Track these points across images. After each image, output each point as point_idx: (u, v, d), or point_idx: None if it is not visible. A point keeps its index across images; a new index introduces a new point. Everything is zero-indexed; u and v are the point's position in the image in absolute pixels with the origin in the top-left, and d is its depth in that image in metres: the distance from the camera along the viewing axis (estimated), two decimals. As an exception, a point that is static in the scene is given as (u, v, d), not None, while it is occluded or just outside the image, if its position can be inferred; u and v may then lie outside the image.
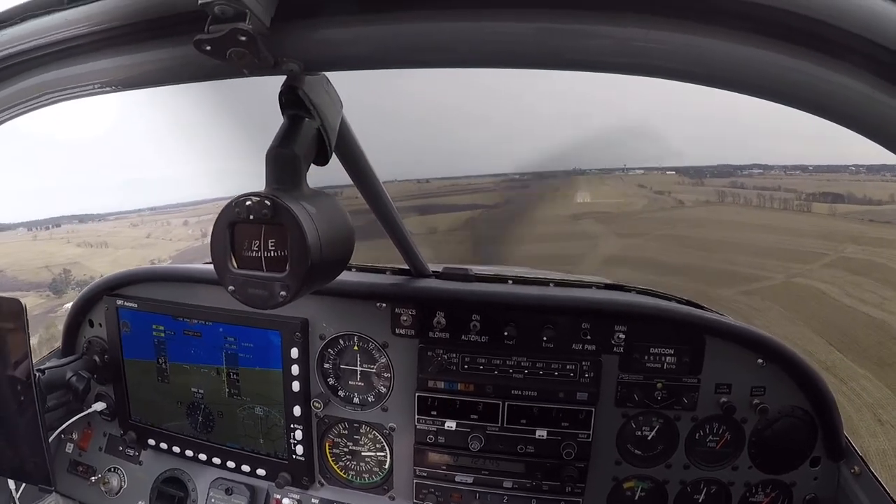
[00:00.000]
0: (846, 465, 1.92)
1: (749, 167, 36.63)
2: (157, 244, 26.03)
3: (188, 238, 27.20)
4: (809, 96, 0.72)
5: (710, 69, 0.73)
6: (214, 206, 23.85)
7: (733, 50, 0.70)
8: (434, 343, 2.01)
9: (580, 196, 31.59)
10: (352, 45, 0.81)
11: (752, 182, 33.69)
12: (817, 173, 31.97)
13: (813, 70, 0.69)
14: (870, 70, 0.68)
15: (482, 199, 27.96)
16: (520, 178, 34.32)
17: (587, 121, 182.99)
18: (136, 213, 28.99)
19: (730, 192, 33.94)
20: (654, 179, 36.66)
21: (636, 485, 2.04)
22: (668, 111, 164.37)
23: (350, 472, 2.22)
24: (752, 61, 0.71)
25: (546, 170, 57.59)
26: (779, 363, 1.87)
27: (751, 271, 17.22)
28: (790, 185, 31.30)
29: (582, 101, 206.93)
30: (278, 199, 0.87)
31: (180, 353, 2.22)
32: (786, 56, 0.69)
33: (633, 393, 1.94)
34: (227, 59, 0.76)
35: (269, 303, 0.91)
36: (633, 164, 35.18)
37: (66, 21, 0.87)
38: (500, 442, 1.99)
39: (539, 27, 0.73)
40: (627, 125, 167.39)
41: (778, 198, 29.51)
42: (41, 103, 1.07)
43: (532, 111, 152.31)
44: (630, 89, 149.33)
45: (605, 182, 35.13)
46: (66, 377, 2.23)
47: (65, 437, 2.49)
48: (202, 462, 2.27)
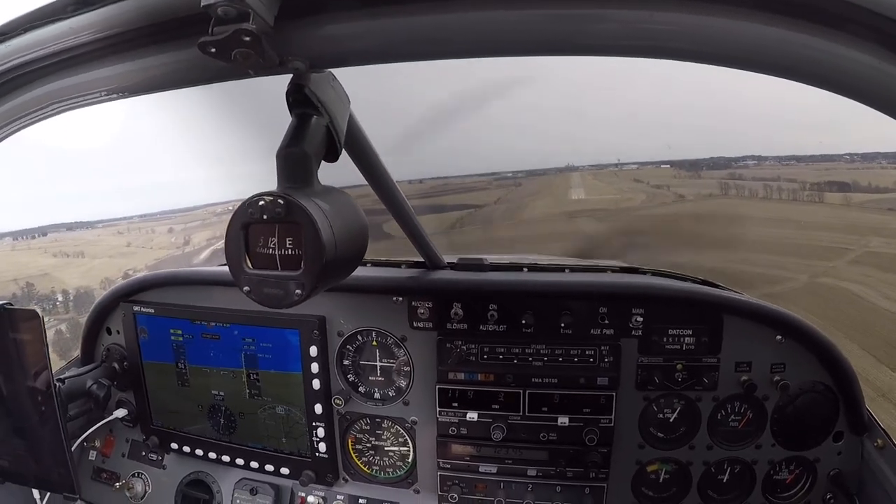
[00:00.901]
0: (869, 438, 1.92)
1: (743, 158, 36.45)
2: (137, 253, 25.84)
3: (169, 246, 27.14)
4: (815, 70, 0.72)
5: (717, 48, 0.73)
6: (204, 213, 23.42)
7: (738, 27, 0.70)
8: (452, 335, 2.01)
9: (574, 193, 30.80)
10: (356, 41, 0.81)
11: (751, 173, 33.05)
12: (813, 163, 31.62)
13: (817, 43, 0.69)
14: (874, 41, 0.68)
15: (473, 198, 27.30)
16: (512, 176, 34.03)
17: (579, 117, 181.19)
18: (125, 220, 28.93)
19: (733, 184, 32.72)
20: (650, 173, 36.07)
21: (660, 467, 2.05)
22: (659, 102, 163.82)
23: (374, 468, 2.23)
24: (756, 37, 0.71)
25: (538, 167, 57.40)
26: (797, 339, 1.87)
27: (771, 272, 15.57)
28: (790, 175, 30.48)
29: (573, 97, 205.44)
30: (291, 197, 0.88)
31: (199, 357, 2.23)
32: (789, 30, 0.69)
33: (654, 375, 1.94)
34: (233, 60, 0.76)
35: (284, 302, 0.92)
36: (627, 158, 34.81)
37: (69, 29, 0.88)
38: (522, 430, 2.00)
39: (545, 14, 0.74)
40: (618, 119, 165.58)
41: (786, 188, 28.38)
42: (48, 113, 1.08)
43: (522, 108, 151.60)
44: (621, 81, 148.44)
45: (600, 178, 34.38)
46: (87, 385, 2.24)
47: (87, 444, 2.50)
48: (226, 463, 2.28)
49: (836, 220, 21.03)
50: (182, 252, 27.53)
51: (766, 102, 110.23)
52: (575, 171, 33.64)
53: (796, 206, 25.84)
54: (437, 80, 67.73)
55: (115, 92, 0.98)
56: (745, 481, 2.02)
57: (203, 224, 32.63)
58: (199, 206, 30.53)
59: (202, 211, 27.38)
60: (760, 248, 18.40)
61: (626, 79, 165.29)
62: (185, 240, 28.40)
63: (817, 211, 23.32)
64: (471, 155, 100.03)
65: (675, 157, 35.57)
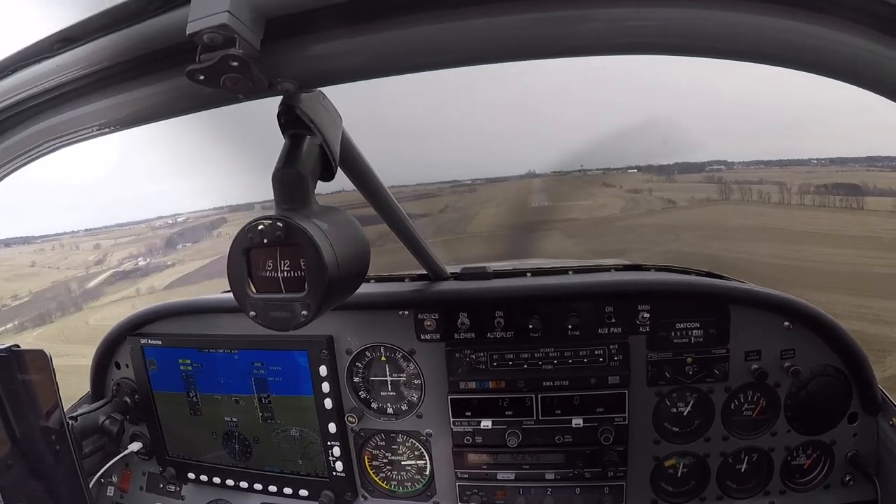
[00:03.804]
0: (884, 417, 1.92)
1: (710, 163, 34.77)
2: (40, 273, 25.47)
3: (81, 265, 27.02)
4: (806, 56, 0.72)
5: (708, 40, 0.73)
6: (144, 227, 23.63)
7: (727, 17, 0.70)
8: (460, 344, 2.02)
9: (537, 199, 28.33)
10: (343, 58, 0.81)
11: (733, 176, 30.53)
12: (781, 167, 29.61)
13: (807, 28, 0.69)
14: (863, 23, 0.68)
15: (418, 206, 25.39)
16: (471, 182, 33.04)
17: (541, 126, 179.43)
18: (70, 234, 28.85)
19: (737, 188, 29.59)
20: (618, 178, 33.83)
21: (677, 462, 2.05)
22: (613, 115, 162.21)
23: (392, 483, 2.23)
24: (745, 26, 0.71)
25: (499, 175, 56.02)
26: (805, 324, 1.87)
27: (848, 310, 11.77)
28: (778, 178, 28.06)
29: (530, 109, 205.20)
30: (290, 219, 0.87)
31: (210, 384, 2.23)
32: (779, 17, 0.69)
33: (664, 370, 1.94)
34: (222, 85, 0.76)
35: (291, 324, 0.91)
36: (590, 165, 33.26)
37: (57, 67, 0.87)
38: (537, 435, 2.00)
39: (530, 17, 0.73)
40: (583, 128, 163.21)
41: (814, 191, 25.41)
42: (42, 152, 1.07)
43: (486, 117, 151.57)
44: (577, 96, 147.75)
45: (564, 183, 31.96)
46: (100, 421, 2.24)
47: (105, 480, 2.49)
48: (244, 490, 2.28)
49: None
50: (85, 273, 26.85)
51: (721, 114, 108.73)
52: (536, 177, 32.00)
53: (831, 214, 22.76)
54: (399, 89, 67.60)
55: (108, 126, 0.98)
56: (764, 469, 2.02)
57: (135, 240, 31.58)
58: (146, 220, 30.23)
59: (144, 226, 26.86)
60: (805, 280, 13.97)
61: (586, 85, 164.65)
62: (99, 258, 28.01)
63: (863, 222, 20.58)
64: (433, 164, 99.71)
65: (640, 163, 34.05)
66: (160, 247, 33.54)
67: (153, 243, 30.97)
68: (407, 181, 29.61)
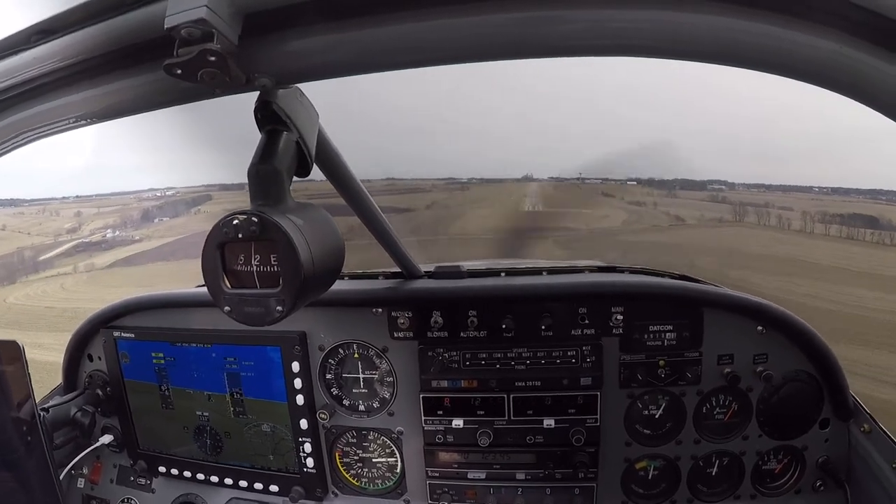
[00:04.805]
0: (856, 424, 1.92)
1: (712, 182, 33.54)
2: (6, 238, 24.78)
3: (52, 233, 26.46)
4: (779, 59, 0.72)
5: (683, 42, 0.73)
6: (133, 199, 22.63)
7: (702, 20, 0.70)
8: (433, 343, 2.00)
9: (530, 203, 26.72)
10: (320, 55, 0.81)
11: (739, 197, 28.32)
12: (782, 192, 27.95)
13: (781, 33, 0.69)
14: (837, 27, 0.68)
15: (402, 201, 24.16)
16: (466, 181, 32.47)
17: (541, 134, 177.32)
18: (60, 200, 28.32)
19: (753, 211, 24.99)
20: (618, 189, 32.09)
21: (648, 464, 2.04)
22: (626, 121, 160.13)
23: (363, 480, 2.22)
24: (722, 30, 0.70)
25: (496, 176, 54.91)
26: (779, 329, 1.86)
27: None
28: (784, 203, 25.28)
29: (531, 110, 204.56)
30: (265, 214, 0.87)
31: (182, 378, 2.21)
32: (754, 21, 0.69)
33: (637, 373, 1.93)
34: (199, 80, 0.76)
35: (265, 319, 0.91)
36: (589, 174, 32.01)
37: (34, 59, 0.87)
38: (508, 435, 1.99)
39: (509, 17, 0.73)
40: (585, 139, 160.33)
41: (830, 220, 21.21)
42: (17, 143, 1.07)
43: (486, 119, 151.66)
44: (588, 94, 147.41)
45: (561, 190, 30.19)
46: (71, 413, 2.22)
47: (75, 472, 2.48)
48: (214, 484, 2.27)
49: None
50: (53, 241, 25.90)
51: (730, 129, 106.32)
52: (533, 181, 30.88)
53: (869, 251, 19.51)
54: (405, 88, 67.30)
55: (84, 118, 0.98)
56: (734, 473, 2.01)
57: (118, 210, 30.29)
58: (136, 192, 29.67)
59: (132, 197, 26.04)
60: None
61: (593, 93, 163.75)
62: (76, 226, 27.28)
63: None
64: (433, 161, 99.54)
65: (641, 176, 33.17)
66: (136, 219, 32.57)
67: (130, 215, 30.12)
68: (404, 175, 29.61)
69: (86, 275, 25.38)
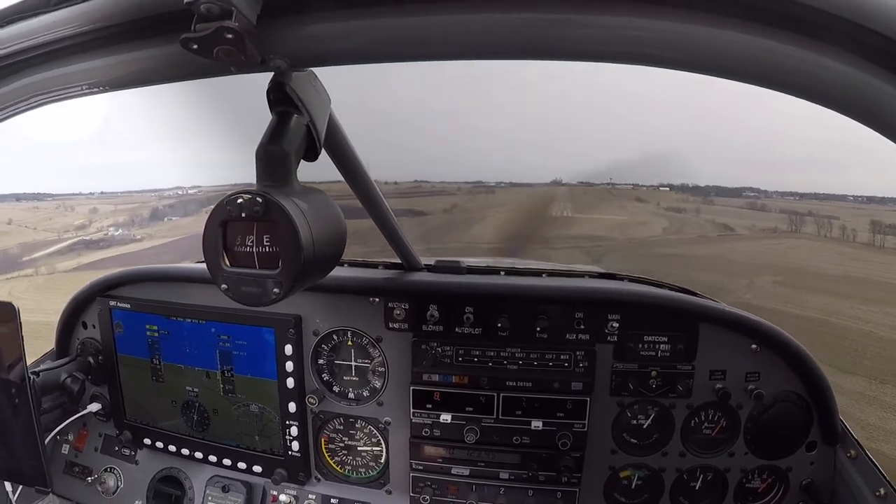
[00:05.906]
0: (842, 449, 1.92)
1: (745, 189, 32.48)
2: (10, 232, 24.55)
3: (59, 229, 26.22)
4: (795, 80, 0.72)
5: (698, 55, 0.73)
6: (153, 196, 22.43)
7: (720, 35, 0.70)
8: (428, 336, 2.00)
9: (558, 208, 25.87)
10: (338, 41, 0.81)
11: (777, 204, 25.87)
12: (818, 200, 26.36)
13: (798, 53, 0.69)
14: (854, 51, 0.68)
15: (421, 203, 23.49)
16: (495, 185, 32.31)
17: (572, 140, 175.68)
18: (85, 195, 28.34)
19: (812, 221, 21.52)
20: (651, 195, 30.88)
21: (632, 473, 2.04)
22: (660, 127, 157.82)
23: (346, 467, 2.22)
24: (739, 46, 0.70)
25: (524, 181, 53.73)
26: (773, 348, 1.86)
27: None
28: (828, 212, 22.78)
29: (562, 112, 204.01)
30: (269, 195, 0.87)
31: (174, 353, 2.21)
32: (771, 39, 0.69)
33: (628, 382, 1.93)
34: (215, 57, 0.76)
35: (262, 300, 0.92)
36: (619, 179, 31.04)
37: (52, 23, 0.87)
38: (495, 434, 1.99)
39: (527, 17, 0.73)
40: (615, 146, 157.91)
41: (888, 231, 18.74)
42: (30, 105, 1.07)
43: (515, 124, 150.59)
44: (619, 102, 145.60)
45: (591, 195, 28.91)
46: (61, 379, 2.23)
47: (60, 438, 2.48)
48: (198, 460, 2.27)
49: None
50: (58, 236, 25.50)
51: (765, 137, 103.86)
52: (562, 185, 29.99)
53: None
54: (440, 95, 67.34)
55: (97, 86, 0.98)
56: (718, 489, 2.01)
57: (137, 208, 29.72)
58: (159, 190, 29.45)
59: (154, 195, 25.63)
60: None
61: (623, 100, 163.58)
62: (86, 223, 26.96)
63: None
64: (463, 165, 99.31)
65: (674, 181, 32.24)
66: (145, 217, 32.40)
67: (140, 213, 29.97)
68: (433, 178, 29.51)
69: (42, 279, 24.45)
